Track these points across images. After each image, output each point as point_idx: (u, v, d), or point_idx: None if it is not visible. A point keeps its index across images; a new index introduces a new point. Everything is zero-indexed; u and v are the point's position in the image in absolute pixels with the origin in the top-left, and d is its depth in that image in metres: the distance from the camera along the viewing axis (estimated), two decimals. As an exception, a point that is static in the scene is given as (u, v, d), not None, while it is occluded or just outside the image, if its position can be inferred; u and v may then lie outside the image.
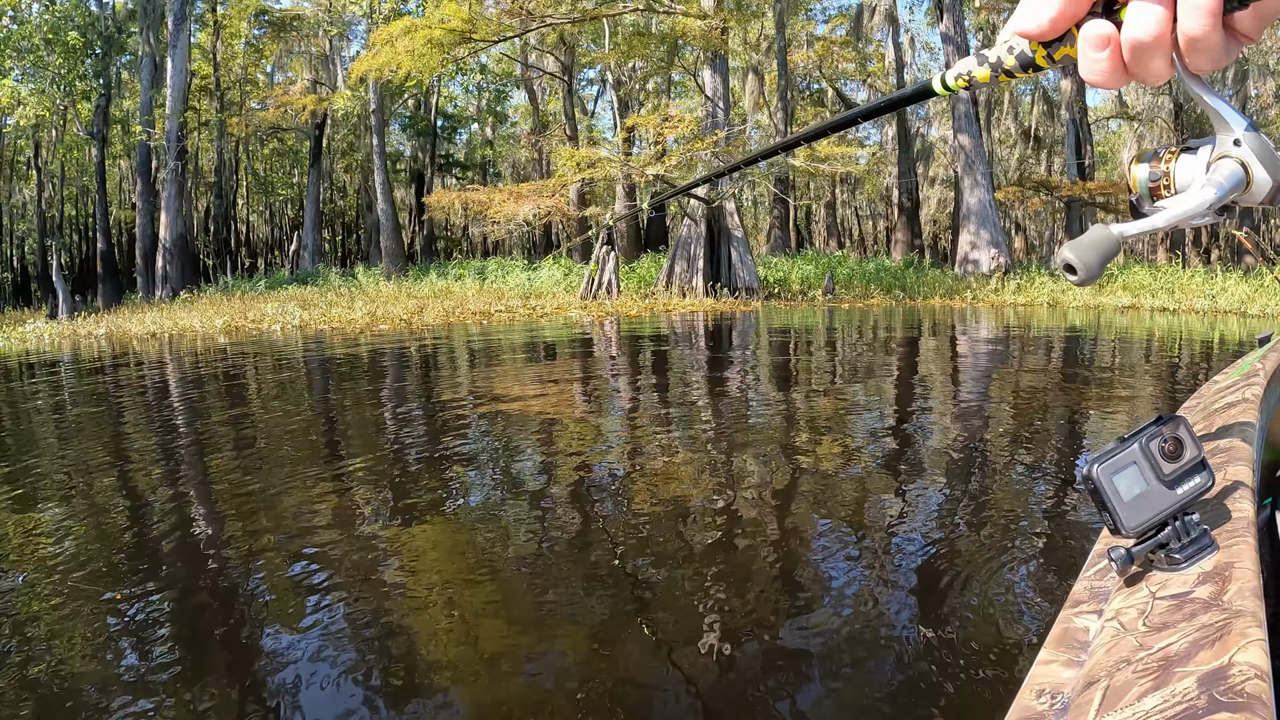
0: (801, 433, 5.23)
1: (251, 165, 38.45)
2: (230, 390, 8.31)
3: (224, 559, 3.28)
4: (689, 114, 23.84)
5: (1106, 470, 0.77)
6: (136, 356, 13.46)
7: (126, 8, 34.64)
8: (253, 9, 31.74)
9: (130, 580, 3.09)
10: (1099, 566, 0.88)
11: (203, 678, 2.30)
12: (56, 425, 6.50)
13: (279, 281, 27.00)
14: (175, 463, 4.86)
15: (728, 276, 21.58)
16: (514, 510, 3.83)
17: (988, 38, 38.48)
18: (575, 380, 8.05)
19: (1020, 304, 21.49)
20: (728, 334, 13.17)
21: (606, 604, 2.67)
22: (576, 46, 27.22)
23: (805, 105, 35.01)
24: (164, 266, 28.63)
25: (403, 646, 2.42)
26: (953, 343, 11.53)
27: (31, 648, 2.53)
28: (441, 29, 21.17)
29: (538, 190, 22.48)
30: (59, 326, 23.79)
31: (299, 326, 17.58)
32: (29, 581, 3.04)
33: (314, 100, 28.63)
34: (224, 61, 33.76)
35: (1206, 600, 0.70)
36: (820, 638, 2.41)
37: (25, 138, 39.21)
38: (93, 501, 4.08)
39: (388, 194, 28.36)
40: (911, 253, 31.07)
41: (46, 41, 32.53)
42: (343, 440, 5.38)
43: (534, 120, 32.70)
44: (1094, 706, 0.61)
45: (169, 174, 28.64)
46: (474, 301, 19.61)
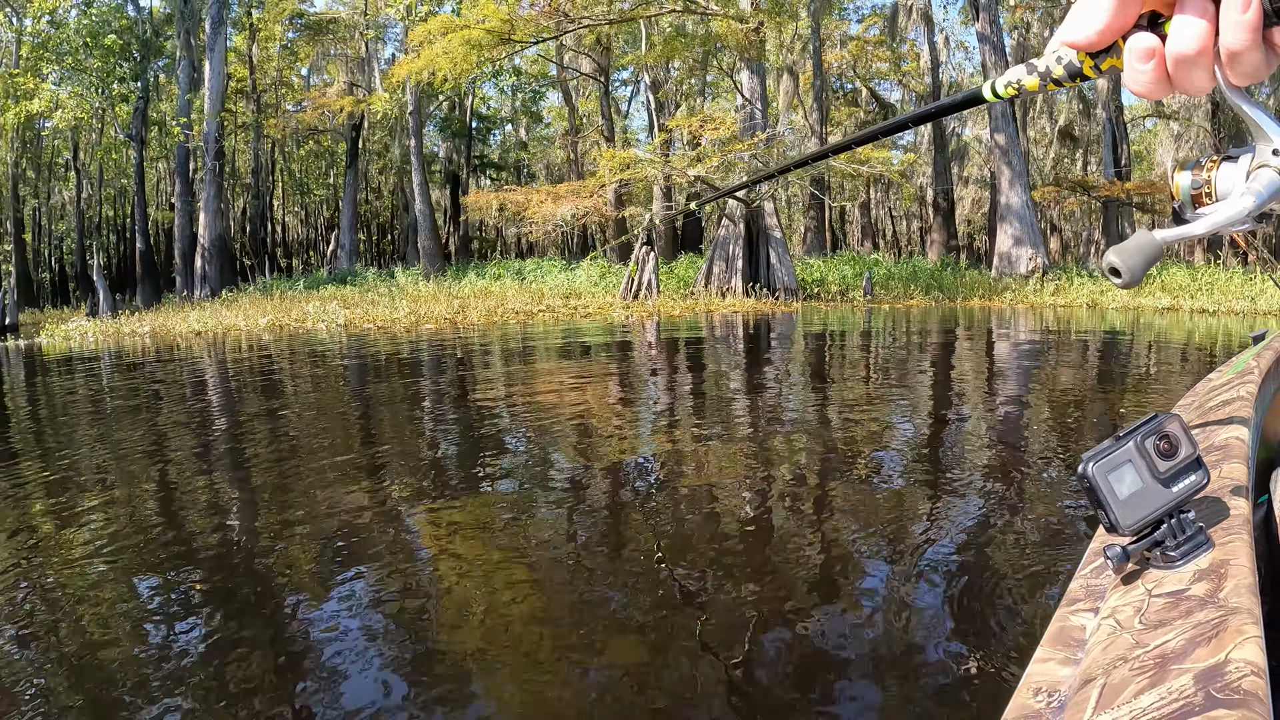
0: (846, 434, 5.17)
1: (288, 166, 38.84)
2: (285, 387, 8.35)
3: (267, 550, 3.31)
4: (725, 114, 23.76)
5: (1102, 468, 0.78)
6: (185, 354, 13.59)
7: (164, 12, 35.11)
8: (289, 12, 32.04)
9: (173, 565, 3.15)
10: (1095, 565, 0.89)
11: (240, 668, 2.30)
12: (119, 418, 6.56)
13: (318, 281, 27.22)
14: (245, 455, 4.87)
15: (766, 277, 21.48)
16: (559, 507, 3.83)
17: (1022, 36, 38.09)
18: (627, 380, 8.03)
19: (1060, 305, 21.22)
20: (774, 335, 13.09)
21: (644, 600, 2.66)
22: (612, 48, 27.22)
23: (839, 105, 34.82)
24: (203, 266, 28.96)
25: (438, 639, 2.44)
26: (995, 345, 11.36)
27: (72, 628, 2.56)
28: (480, 30, 21.24)
29: (575, 191, 22.50)
30: (102, 325, 24.11)
31: (344, 326, 17.71)
32: (87, 556, 3.07)
33: (351, 102, 28.85)
34: (260, 64, 34.12)
35: (1202, 598, 0.69)
36: (821, 633, 2.41)
37: (64, 140, 39.87)
38: (166, 490, 4.09)
39: (425, 195, 28.52)
40: (947, 253, 30.79)
41: (85, 45, 33.02)
42: (402, 437, 5.38)
43: (569, 121, 32.77)
44: (1091, 704, 0.61)
45: (207, 175, 28.98)
46: (514, 301, 19.65)
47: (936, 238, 31.58)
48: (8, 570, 3.20)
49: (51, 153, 41.57)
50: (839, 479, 4.09)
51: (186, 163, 30.80)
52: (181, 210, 30.34)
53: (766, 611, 2.56)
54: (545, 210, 21.95)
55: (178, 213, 30.64)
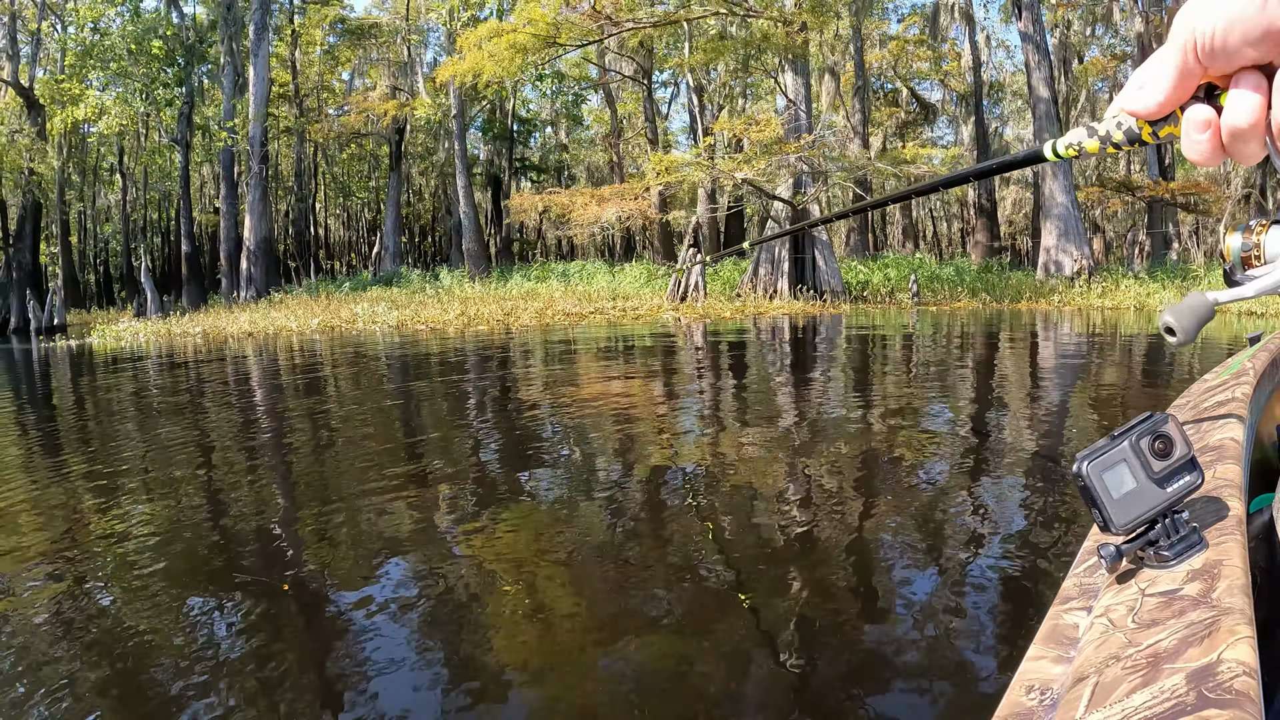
0: (917, 438, 5.08)
1: (330, 169, 39.27)
2: (348, 388, 8.40)
3: (316, 547, 3.33)
4: (770, 116, 23.65)
5: (1096, 467, 0.78)
6: (240, 354, 13.75)
7: (207, 19, 35.67)
8: (331, 18, 32.41)
9: (220, 561, 3.20)
10: (1088, 564, 0.89)
11: (280, 665, 2.31)
12: (185, 416, 6.62)
13: (363, 283, 27.49)
14: (313, 453, 4.88)
15: (812, 279, 21.36)
16: (614, 505, 3.83)
17: (1064, 34, 37.61)
18: (692, 383, 7.99)
19: (1107, 308, 20.91)
20: (829, 338, 12.99)
21: (685, 601, 2.65)
22: (655, 50, 27.22)
23: (880, 105, 34.57)
24: (248, 268, 29.36)
25: (479, 639, 2.41)
26: (1052, 349, 11.15)
27: (115, 629, 2.58)
28: (526, 34, 21.36)
29: (620, 193, 22.52)
30: (153, 325, 24.53)
31: (395, 327, 17.84)
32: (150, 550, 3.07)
33: (395, 106, 29.12)
34: (301, 69, 34.54)
35: (1195, 598, 0.70)
36: (861, 637, 2.39)
37: (109, 145, 40.63)
38: (232, 485, 4.10)
39: (470, 197, 28.70)
40: (990, 255, 30.45)
41: (130, 52, 33.61)
42: (474, 437, 5.37)
43: (611, 123, 32.84)
44: (1083, 703, 0.61)
45: (253, 178, 29.38)
46: (564, 303, 19.70)
47: (979, 239, 31.23)
48: (64, 560, 3.27)
49: (96, 157, 42.38)
50: (899, 483, 4.02)
51: (231, 166, 31.26)
52: (227, 213, 30.79)
53: (806, 614, 2.55)
54: (590, 213, 21.99)
55: (223, 215, 31.09)
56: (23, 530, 3.59)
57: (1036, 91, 28.88)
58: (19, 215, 38.41)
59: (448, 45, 28.89)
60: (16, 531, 3.58)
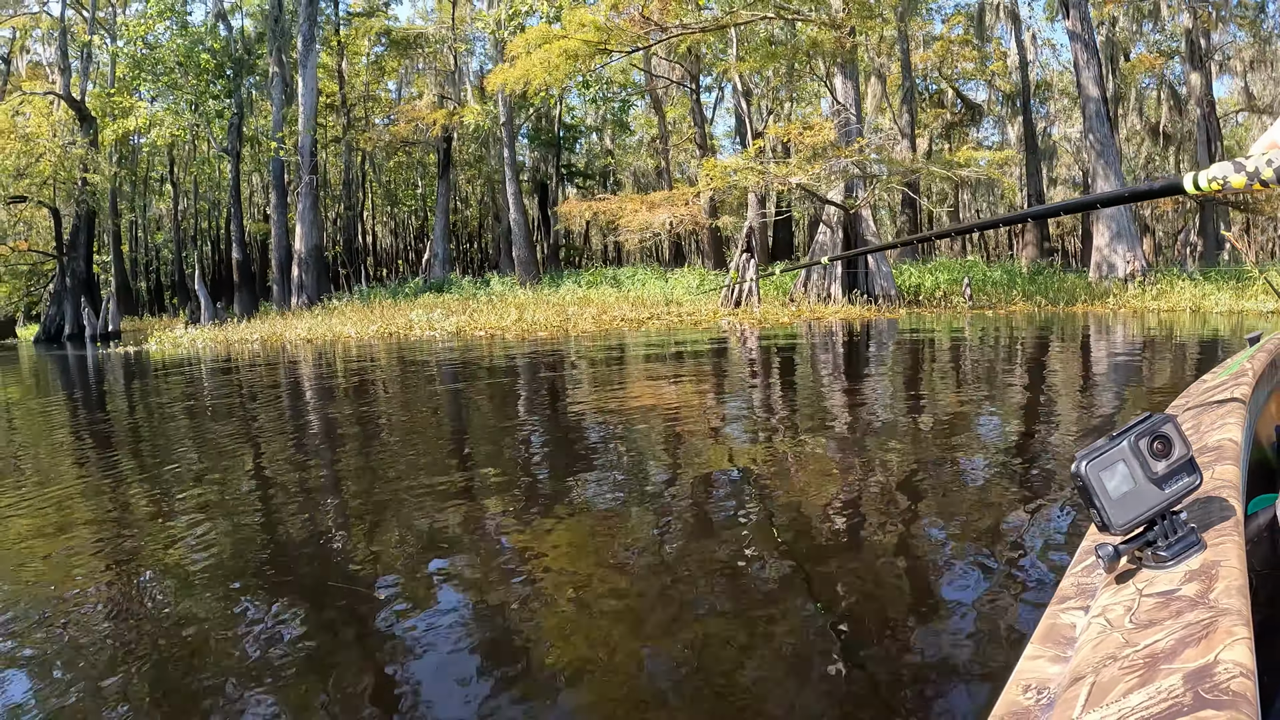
0: (992, 445, 5.01)
1: (378, 177, 39.80)
2: (419, 395, 8.47)
3: (380, 549, 3.35)
4: (813, 119, 23.56)
5: (1095, 467, 0.77)
6: (300, 360, 13.92)
7: (254, 31, 36.34)
8: (376, 29, 32.86)
9: (275, 563, 3.24)
10: (1086, 563, 0.88)
11: (327, 664, 2.32)
12: (256, 420, 6.72)
13: (414, 290, 27.81)
14: (392, 458, 4.93)
15: (865, 283, 21.24)
16: (679, 507, 3.82)
17: (1110, 31, 37.05)
18: (754, 388, 7.98)
19: (1163, 310, 20.53)
20: (891, 342, 12.88)
21: (732, 605, 2.63)
22: (702, 56, 27.27)
23: (925, 107, 34.31)
24: (299, 275, 29.83)
25: (526, 642, 2.41)
26: (1119, 353, 10.93)
27: (164, 633, 2.60)
28: (577, 40, 21.50)
29: (670, 199, 22.57)
30: (208, 332, 24.99)
31: (455, 333, 18.01)
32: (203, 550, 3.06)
33: (444, 114, 29.45)
34: (348, 79, 35.04)
35: (1193, 598, 0.69)
36: (912, 643, 2.34)
37: (160, 155, 41.54)
38: (312, 486, 4.14)
39: (520, 204, 28.93)
40: (1041, 256, 30.05)
41: (179, 64, 34.34)
42: (546, 441, 5.40)
43: (659, 129, 32.94)
44: (1080, 702, 0.61)
45: (304, 187, 29.85)
46: (619, 309, 19.77)
47: (1029, 240, 30.83)
48: (115, 563, 3.34)
49: (147, 167, 43.34)
50: (961, 493, 3.95)
51: (282, 175, 31.79)
52: (278, 221, 31.31)
53: (852, 617, 2.54)
54: (640, 218, 22.06)
55: (274, 224, 31.62)
56: (105, 525, 3.67)
57: (1086, 90, 28.45)
58: (73, 225, 39.39)
59: (495, 54, 29.15)
60: (101, 528, 3.66)
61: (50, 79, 42.53)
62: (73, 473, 5.23)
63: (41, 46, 48.55)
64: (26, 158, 37.47)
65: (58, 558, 3.35)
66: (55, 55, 42.96)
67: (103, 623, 2.71)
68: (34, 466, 5.47)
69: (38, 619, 2.73)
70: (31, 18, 46.59)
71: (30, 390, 12.29)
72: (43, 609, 2.82)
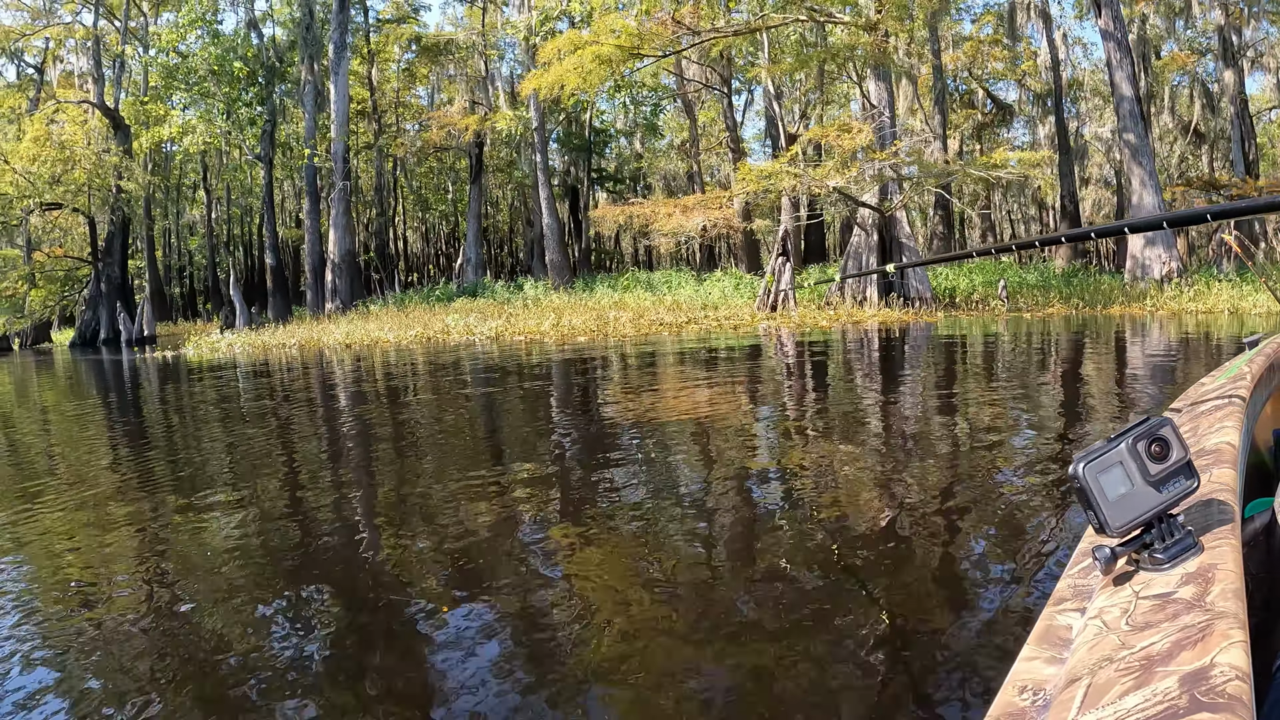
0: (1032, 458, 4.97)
1: (410, 183, 40.11)
2: (470, 398, 8.50)
3: (424, 554, 3.37)
4: (845, 121, 23.49)
5: (1093, 469, 0.77)
6: (342, 364, 14.02)
7: (285, 39, 36.76)
8: (407, 36, 33.11)
9: (317, 566, 3.26)
10: (1083, 565, 0.88)
11: (362, 669, 2.31)
12: (302, 424, 6.75)
13: (448, 294, 27.99)
14: (446, 462, 4.95)
15: (901, 286, 21.16)
16: (730, 511, 3.81)
17: (1140, 29, 36.66)
18: (803, 393, 7.97)
19: (1201, 311, 20.29)
20: (929, 346, 12.80)
21: (773, 615, 2.60)
22: (734, 59, 27.29)
23: (955, 107, 34.09)
24: (333, 280, 30.12)
25: (562, 650, 2.39)
26: (1167, 356, 10.79)
27: (198, 632, 2.62)
28: (610, 45, 21.58)
29: (703, 203, 22.60)
30: (246, 336, 25.27)
31: (493, 337, 18.11)
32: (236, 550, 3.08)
33: (476, 120, 29.64)
34: (378, 85, 35.33)
35: (1189, 601, 0.69)
36: (949, 648, 2.32)
37: (193, 162, 42.09)
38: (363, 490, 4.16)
39: (552, 209, 29.06)
40: (1075, 258, 29.76)
41: (212, 73, 34.80)
42: (607, 447, 5.41)
43: (690, 133, 32.97)
44: (1075, 704, 0.61)
45: (338, 193, 30.14)
46: (655, 313, 19.81)
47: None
48: (151, 564, 3.37)
49: (179, 174, 43.93)
50: (1013, 503, 3.92)
51: (315, 181, 32.11)
52: (311, 227, 31.63)
53: (890, 624, 2.52)
54: (674, 222, 22.10)
55: (307, 229, 31.95)
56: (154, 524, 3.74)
57: (1119, 89, 28.16)
58: (108, 231, 40.00)
59: (526, 60, 29.30)
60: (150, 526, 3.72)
61: (84, 88, 43.26)
62: (144, 471, 5.34)
63: (75, 56, 49.38)
64: (62, 165, 38.11)
65: (126, 548, 3.43)
66: (89, 64, 43.71)
67: (146, 620, 2.76)
68: (106, 464, 5.59)
69: (81, 617, 2.79)
70: (64, 27, 47.41)
71: (85, 394, 12.50)
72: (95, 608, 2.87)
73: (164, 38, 37.56)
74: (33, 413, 10.42)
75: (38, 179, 36.93)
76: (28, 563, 3.52)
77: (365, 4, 35.85)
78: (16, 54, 47.89)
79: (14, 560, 3.52)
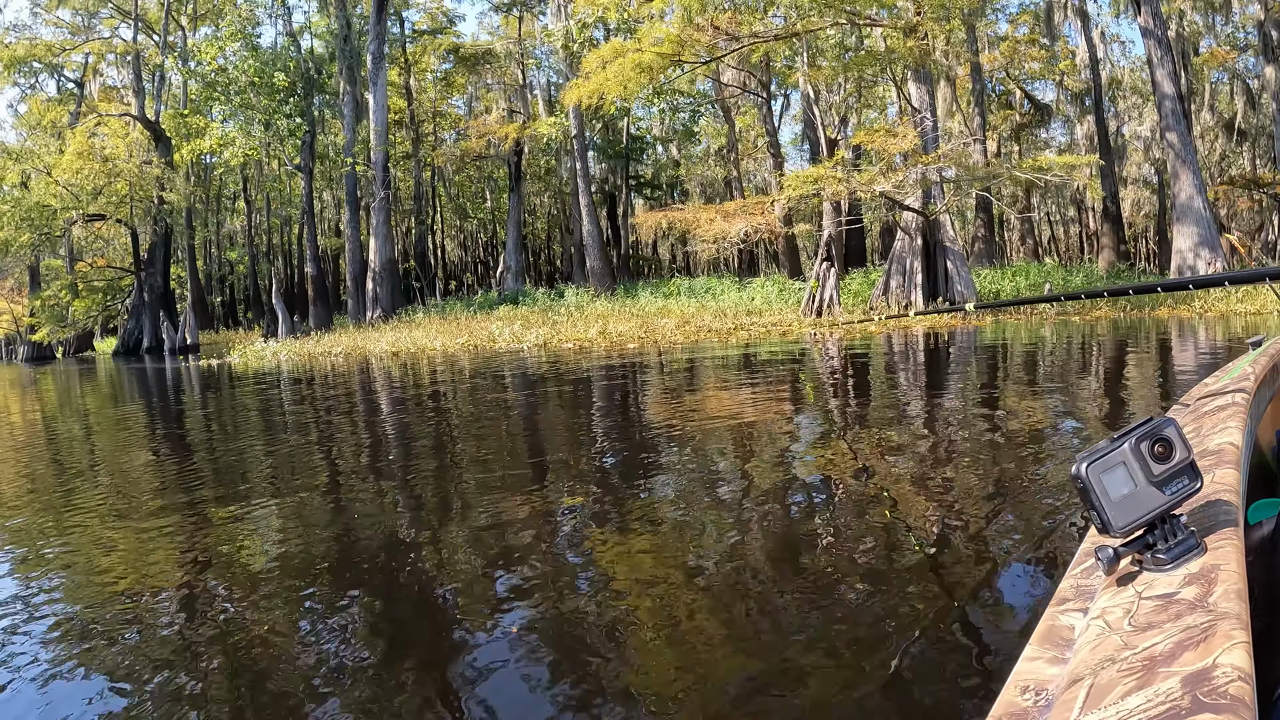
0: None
1: (448, 191, 40.49)
2: (533, 408, 8.53)
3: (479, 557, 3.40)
4: (878, 124, 23.41)
5: (1096, 469, 0.77)
6: (391, 373, 14.15)
7: (326, 50, 37.25)
8: (444, 46, 33.44)
9: (363, 573, 3.29)
10: (1085, 565, 0.87)
11: (400, 678, 2.31)
12: (364, 432, 6.79)
13: (490, 302, 28.21)
14: (527, 475, 4.98)
15: (945, 290, 21.04)
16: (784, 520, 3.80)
17: (1179, 26, 36.15)
18: (861, 401, 7.94)
19: (1250, 313, 19.94)
20: (982, 351, 12.68)
21: (819, 626, 2.55)
22: (773, 65, 27.31)
23: (993, 109, 33.85)
24: (374, 289, 30.48)
25: (603, 658, 2.34)
26: (1225, 359, 10.61)
27: (239, 639, 2.65)
28: (650, 53, 21.68)
29: (745, 209, 22.63)
30: (290, 345, 25.62)
31: (541, 345, 18.23)
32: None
33: (516, 128, 29.89)
34: (415, 95, 35.70)
35: (1192, 601, 0.69)
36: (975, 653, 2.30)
37: (232, 173, 42.77)
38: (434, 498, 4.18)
39: (593, 215, 29.21)
40: (1118, 259, 29.43)
41: (252, 85, 35.36)
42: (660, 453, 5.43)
43: (729, 138, 33.03)
44: (1078, 704, 0.61)
45: (379, 202, 30.50)
46: (700, 319, 19.85)
47: (1106, 243, 30.22)
48: (193, 566, 3.44)
49: (219, 185, 44.68)
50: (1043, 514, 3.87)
51: (355, 191, 32.51)
52: (351, 236, 32.04)
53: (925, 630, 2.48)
54: (716, 228, 22.14)
55: (348, 239, 32.36)
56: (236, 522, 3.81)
57: (1161, 88, 27.80)
58: (150, 241, 40.75)
59: (565, 68, 29.51)
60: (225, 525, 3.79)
61: (124, 101, 44.16)
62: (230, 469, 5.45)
63: (115, 70, 50.41)
64: (105, 177, 38.89)
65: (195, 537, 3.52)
66: (129, 78, 44.61)
67: (188, 624, 2.83)
68: (207, 470, 5.71)
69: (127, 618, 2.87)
70: (103, 42, 48.43)
71: (144, 402, 12.77)
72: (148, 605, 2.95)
73: (203, 51, 38.16)
74: (107, 422, 10.66)
75: (80, 190, 37.74)
76: (97, 572, 3.60)
77: (401, 15, 36.29)
78: (57, 69, 49.02)
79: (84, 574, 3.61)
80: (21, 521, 4.75)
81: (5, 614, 3.02)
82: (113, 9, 45.15)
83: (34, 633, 2.82)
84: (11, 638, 2.77)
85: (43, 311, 43.43)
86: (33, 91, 47.77)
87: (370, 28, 32.61)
